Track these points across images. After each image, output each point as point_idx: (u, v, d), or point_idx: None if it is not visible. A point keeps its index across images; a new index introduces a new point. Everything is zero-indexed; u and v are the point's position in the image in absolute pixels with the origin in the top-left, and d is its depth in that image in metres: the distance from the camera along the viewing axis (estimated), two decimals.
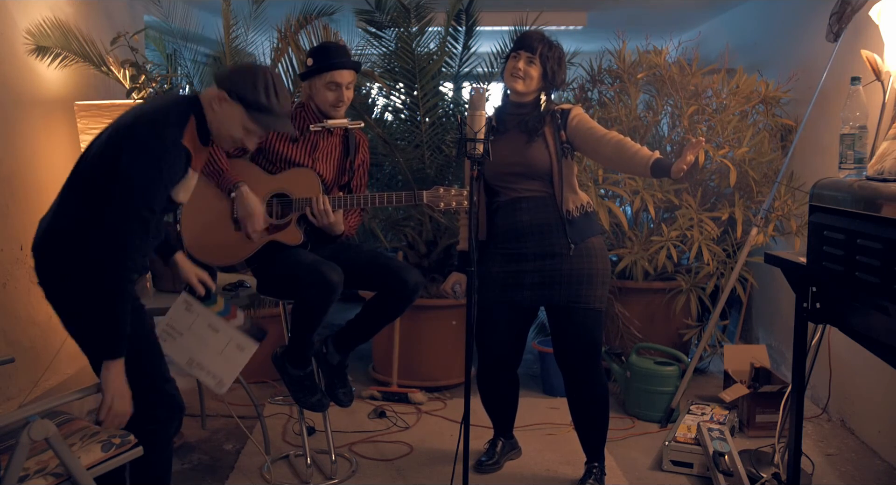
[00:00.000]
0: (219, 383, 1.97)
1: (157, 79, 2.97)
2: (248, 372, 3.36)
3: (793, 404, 2.35)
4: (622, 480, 2.84)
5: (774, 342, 4.01)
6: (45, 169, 3.09)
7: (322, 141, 2.70)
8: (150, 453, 2.01)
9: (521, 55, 2.57)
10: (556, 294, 2.60)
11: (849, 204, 1.99)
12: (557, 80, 2.62)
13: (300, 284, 2.46)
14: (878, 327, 1.95)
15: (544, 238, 2.60)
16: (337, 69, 2.60)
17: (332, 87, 2.60)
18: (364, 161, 2.82)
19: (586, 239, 2.61)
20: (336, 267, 2.46)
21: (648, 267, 3.66)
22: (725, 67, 3.84)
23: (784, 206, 3.54)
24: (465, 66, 4.00)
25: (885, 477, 2.87)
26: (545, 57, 2.56)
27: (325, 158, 2.71)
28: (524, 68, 2.57)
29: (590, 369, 2.66)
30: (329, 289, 2.42)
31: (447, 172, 3.74)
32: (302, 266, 2.47)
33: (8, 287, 2.81)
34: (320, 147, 2.69)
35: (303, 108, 2.68)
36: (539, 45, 2.57)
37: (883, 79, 2.62)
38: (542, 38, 2.60)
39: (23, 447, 1.76)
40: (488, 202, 2.70)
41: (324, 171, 2.69)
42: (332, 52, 2.64)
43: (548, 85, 2.61)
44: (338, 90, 2.61)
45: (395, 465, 2.96)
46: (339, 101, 2.63)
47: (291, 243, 2.61)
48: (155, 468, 2.08)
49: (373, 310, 2.66)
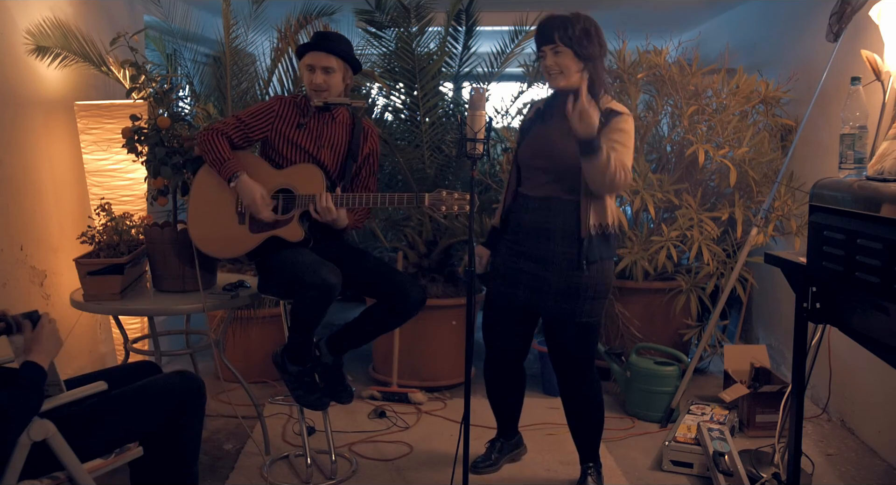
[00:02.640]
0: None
1: (157, 79, 2.97)
2: (248, 372, 3.37)
3: (793, 404, 2.35)
4: (622, 480, 2.84)
5: (774, 342, 4.01)
6: (45, 169, 3.10)
7: (327, 128, 2.71)
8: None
9: (546, 51, 2.46)
10: (546, 305, 2.56)
11: (849, 204, 1.98)
12: (592, 53, 2.44)
13: (299, 284, 2.46)
14: (878, 327, 1.95)
15: (542, 243, 2.53)
16: (310, 50, 2.63)
17: (309, 68, 2.63)
18: (373, 151, 2.82)
19: (595, 262, 2.50)
20: (335, 268, 2.46)
21: (648, 267, 3.65)
22: (725, 67, 3.84)
23: (784, 206, 3.54)
24: (465, 66, 4.00)
25: (885, 477, 2.86)
26: (567, 39, 2.41)
27: (331, 146, 2.71)
28: (554, 62, 2.45)
29: (582, 378, 2.65)
30: (327, 290, 2.42)
31: (447, 172, 3.74)
32: (302, 266, 2.47)
33: (8, 287, 2.81)
34: (325, 134, 2.71)
35: (305, 96, 2.72)
36: (555, 31, 2.42)
37: (883, 79, 2.62)
38: (555, 21, 2.45)
39: (22, 447, 1.76)
40: (515, 190, 2.64)
41: (328, 159, 2.69)
42: (314, 37, 2.69)
43: (587, 62, 2.45)
44: (312, 73, 2.62)
45: (395, 465, 2.96)
46: (314, 84, 2.62)
47: (292, 240, 2.61)
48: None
49: (370, 318, 2.66)
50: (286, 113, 2.69)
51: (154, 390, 2.07)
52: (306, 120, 2.69)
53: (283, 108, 2.70)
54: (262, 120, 2.67)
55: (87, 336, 3.41)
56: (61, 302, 3.09)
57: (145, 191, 3.16)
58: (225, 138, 2.63)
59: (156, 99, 2.90)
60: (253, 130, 2.67)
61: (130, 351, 2.86)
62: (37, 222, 3.03)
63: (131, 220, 2.84)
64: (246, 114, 2.69)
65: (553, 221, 2.51)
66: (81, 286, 2.69)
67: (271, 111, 2.69)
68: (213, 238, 2.68)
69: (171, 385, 2.09)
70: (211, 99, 3.69)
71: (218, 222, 2.67)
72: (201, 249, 2.68)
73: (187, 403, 2.09)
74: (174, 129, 2.79)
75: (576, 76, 2.47)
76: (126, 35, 3.07)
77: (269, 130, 2.67)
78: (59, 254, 3.15)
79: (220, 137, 2.62)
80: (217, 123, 2.69)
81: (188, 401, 2.09)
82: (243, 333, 3.71)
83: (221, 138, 2.62)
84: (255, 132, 2.68)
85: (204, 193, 2.70)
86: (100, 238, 2.76)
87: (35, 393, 1.79)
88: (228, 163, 2.59)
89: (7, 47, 2.87)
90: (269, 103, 2.72)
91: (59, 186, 3.21)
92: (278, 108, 2.69)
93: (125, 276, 2.68)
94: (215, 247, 2.69)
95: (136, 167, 3.17)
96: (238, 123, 2.66)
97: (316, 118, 2.70)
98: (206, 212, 2.68)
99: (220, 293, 2.78)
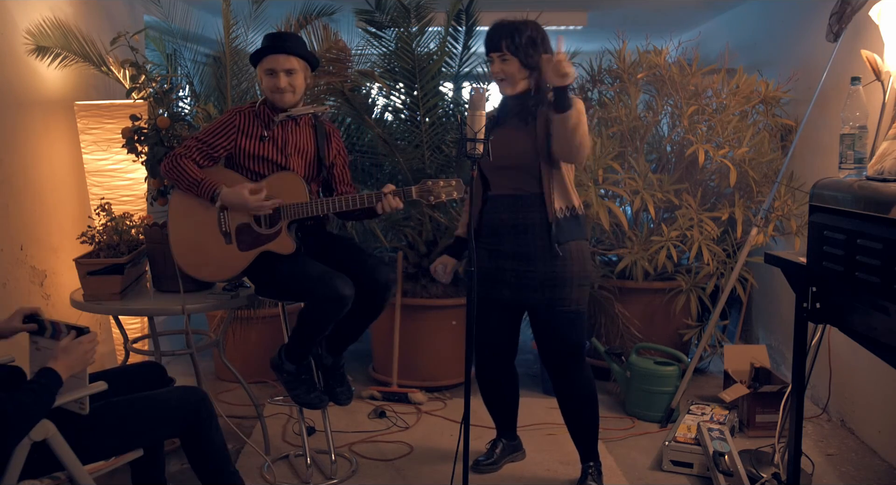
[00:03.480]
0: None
1: (157, 79, 2.97)
2: (248, 372, 3.37)
3: (793, 404, 2.35)
4: (622, 480, 2.84)
5: (774, 342, 4.01)
6: (45, 169, 3.09)
7: (291, 136, 2.65)
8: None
9: (493, 58, 2.54)
10: (533, 297, 2.58)
11: (849, 204, 1.99)
12: (537, 61, 2.49)
13: (313, 297, 2.44)
14: (878, 327, 1.95)
15: (520, 238, 2.57)
16: (268, 54, 2.55)
17: (268, 73, 2.56)
18: (339, 151, 2.77)
19: (568, 242, 2.55)
20: (347, 279, 2.44)
21: (648, 267, 3.65)
22: (725, 67, 3.84)
23: (784, 206, 3.54)
24: (465, 66, 4.00)
25: (885, 477, 2.86)
26: (513, 47, 2.48)
27: (298, 153, 2.65)
28: (500, 69, 2.53)
29: (574, 369, 2.65)
30: (343, 303, 2.42)
31: (447, 171, 3.73)
32: (311, 279, 2.43)
33: (8, 287, 2.81)
34: (290, 142, 2.64)
35: (264, 103, 2.63)
36: (502, 39, 2.50)
37: (883, 79, 2.62)
38: (503, 29, 2.51)
39: (22, 447, 1.76)
40: (483, 195, 2.67)
41: (298, 166, 2.64)
42: (267, 39, 2.59)
43: (532, 68, 2.52)
44: (274, 76, 2.55)
45: (395, 465, 2.96)
46: (275, 88, 2.55)
47: (284, 252, 2.55)
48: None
49: (353, 309, 2.63)
50: (246, 126, 2.60)
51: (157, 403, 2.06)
52: (270, 132, 2.60)
53: (243, 122, 2.60)
54: (221, 137, 2.58)
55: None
56: (61, 302, 3.09)
57: (145, 191, 3.16)
58: (190, 161, 2.55)
59: (156, 99, 2.91)
60: (215, 148, 2.58)
61: (130, 351, 2.86)
62: (37, 222, 3.03)
63: (131, 220, 2.84)
64: (204, 133, 2.60)
65: (527, 216, 2.56)
66: (81, 286, 2.70)
67: (231, 126, 2.59)
68: (204, 263, 2.61)
69: (173, 400, 2.09)
70: (211, 99, 3.69)
71: (204, 246, 2.59)
72: (194, 276, 2.63)
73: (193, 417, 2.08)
74: (174, 129, 2.79)
75: (521, 83, 2.56)
76: (126, 35, 3.07)
77: (232, 146, 2.59)
78: (59, 254, 3.15)
79: (185, 161, 2.54)
80: (177, 149, 2.60)
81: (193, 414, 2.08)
82: (243, 334, 3.71)
83: (186, 161, 2.54)
84: (218, 150, 2.58)
85: (182, 219, 2.61)
86: (100, 238, 2.76)
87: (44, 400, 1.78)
88: (204, 183, 2.52)
89: (7, 47, 2.87)
90: (227, 118, 2.61)
91: (59, 186, 3.21)
92: (238, 122, 2.59)
93: (125, 276, 2.68)
94: (208, 272, 2.63)
95: (136, 167, 3.17)
96: (198, 144, 2.57)
97: (279, 127, 2.62)
98: (189, 238, 2.60)
99: (220, 293, 2.78)
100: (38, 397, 1.76)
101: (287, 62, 2.54)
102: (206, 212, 2.57)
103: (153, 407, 2.04)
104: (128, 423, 1.99)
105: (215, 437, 2.12)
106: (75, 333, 1.93)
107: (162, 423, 2.03)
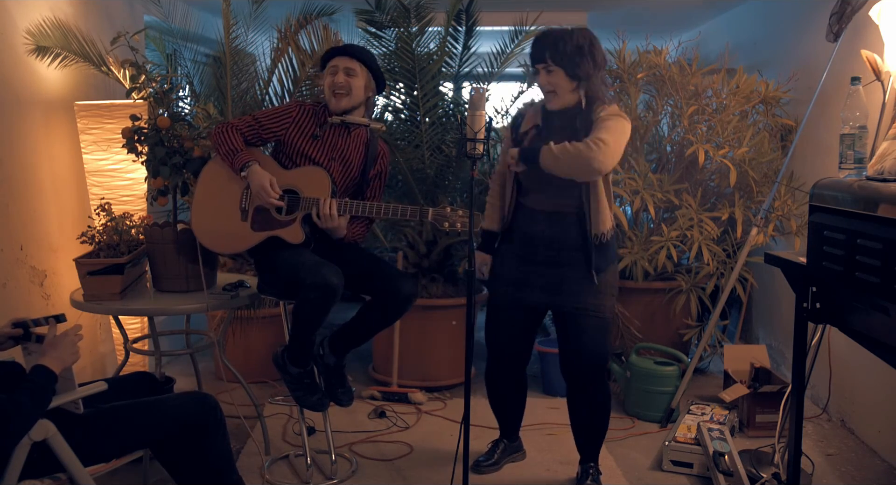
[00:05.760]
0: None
1: (157, 79, 2.96)
2: (248, 372, 3.37)
3: (793, 404, 2.35)
4: (622, 480, 2.84)
5: (774, 342, 4.01)
6: (45, 169, 3.09)
7: (342, 142, 2.71)
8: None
9: (539, 70, 2.48)
10: (565, 300, 2.58)
11: (849, 204, 1.99)
12: (585, 71, 2.43)
13: (301, 285, 2.45)
14: (878, 327, 1.95)
15: (556, 253, 2.56)
16: (335, 56, 2.68)
17: (331, 71, 2.66)
18: (381, 172, 2.83)
19: (605, 269, 2.57)
20: (337, 269, 2.46)
21: (648, 267, 3.65)
22: (725, 67, 3.84)
23: (784, 206, 3.54)
24: (465, 66, 4.00)
25: (885, 477, 2.87)
26: (558, 58, 2.42)
27: (342, 159, 2.71)
28: (546, 81, 2.47)
29: (594, 378, 2.64)
30: (330, 291, 2.42)
31: (447, 172, 3.74)
32: (304, 267, 2.47)
33: (8, 287, 2.81)
34: (339, 147, 2.70)
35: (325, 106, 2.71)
36: (546, 50, 2.44)
37: (883, 79, 2.62)
38: (548, 38, 2.46)
39: (22, 447, 1.76)
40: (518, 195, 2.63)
41: (337, 172, 2.69)
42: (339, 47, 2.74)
43: (580, 80, 2.45)
44: (335, 73, 2.64)
45: (395, 465, 2.96)
46: (335, 85, 2.64)
47: (293, 241, 2.61)
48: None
49: (367, 315, 2.66)
50: (303, 121, 2.69)
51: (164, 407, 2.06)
52: (322, 131, 2.68)
53: (301, 115, 2.69)
54: (277, 123, 2.67)
55: (87, 336, 3.40)
56: (61, 302, 3.09)
57: (145, 191, 3.16)
58: (238, 133, 2.65)
59: (156, 99, 2.90)
60: (267, 130, 2.68)
61: (130, 351, 2.86)
62: (37, 222, 3.03)
63: (131, 220, 2.84)
64: (263, 114, 2.70)
65: (565, 232, 2.55)
66: (81, 286, 2.70)
67: (288, 116, 2.68)
68: (215, 232, 2.69)
69: (181, 406, 2.08)
70: (211, 99, 3.69)
71: (220, 217, 2.68)
72: (202, 242, 2.69)
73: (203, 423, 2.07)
74: (174, 129, 2.79)
75: (568, 95, 2.49)
76: (126, 35, 3.07)
77: (283, 134, 2.67)
78: (59, 254, 3.15)
79: (234, 131, 2.65)
80: (233, 120, 2.71)
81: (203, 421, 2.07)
82: (243, 334, 3.71)
83: (235, 132, 2.64)
84: (268, 134, 2.68)
85: (209, 187, 2.71)
86: (100, 238, 2.76)
87: (42, 397, 1.78)
88: (241, 154, 2.61)
89: (7, 47, 2.87)
90: (288, 107, 2.72)
91: (59, 186, 3.21)
92: (296, 114, 2.69)
93: (125, 276, 2.68)
94: (215, 241, 2.69)
95: (136, 167, 3.17)
96: (253, 122, 2.68)
97: (332, 129, 2.70)
98: (209, 206, 2.69)
99: (220, 293, 2.78)
100: (35, 394, 1.77)
101: (350, 62, 2.65)
102: (233, 186, 2.67)
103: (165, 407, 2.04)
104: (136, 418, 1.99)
105: (224, 444, 2.12)
106: (53, 321, 1.95)
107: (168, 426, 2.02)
